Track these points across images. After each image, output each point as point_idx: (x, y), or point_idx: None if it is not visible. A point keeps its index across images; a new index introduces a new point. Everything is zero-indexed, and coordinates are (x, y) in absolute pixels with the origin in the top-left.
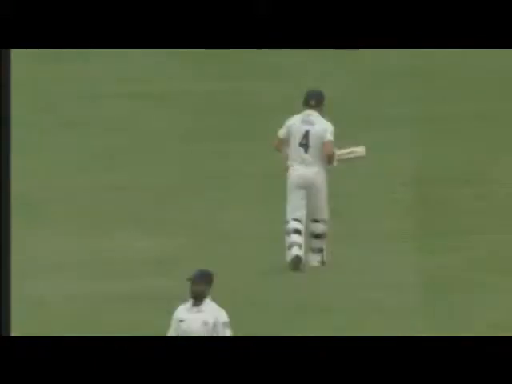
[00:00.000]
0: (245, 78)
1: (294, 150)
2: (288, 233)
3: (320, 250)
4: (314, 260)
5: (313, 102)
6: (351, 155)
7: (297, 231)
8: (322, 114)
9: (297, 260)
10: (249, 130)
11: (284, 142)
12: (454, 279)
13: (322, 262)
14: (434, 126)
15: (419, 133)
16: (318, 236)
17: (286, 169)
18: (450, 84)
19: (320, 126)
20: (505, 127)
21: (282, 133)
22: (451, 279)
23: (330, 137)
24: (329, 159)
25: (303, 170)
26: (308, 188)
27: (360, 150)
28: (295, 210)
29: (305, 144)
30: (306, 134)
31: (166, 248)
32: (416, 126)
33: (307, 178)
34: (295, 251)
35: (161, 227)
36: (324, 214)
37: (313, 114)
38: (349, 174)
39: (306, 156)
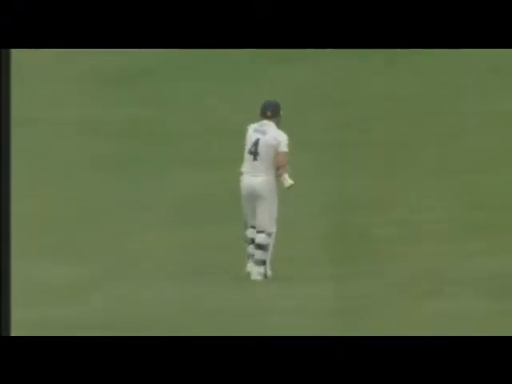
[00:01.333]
0: (158, 104)
1: (245, 157)
2: (245, 241)
3: (262, 262)
4: (256, 273)
5: (269, 113)
6: (284, 180)
7: (253, 241)
8: (279, 125)
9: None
10: (161, 155)
11: None
12: (367, 306)
13: (265, 276)
14: (346, 153)
15: (332, 160)
16: (260, 247)
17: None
18: (363, 111)
19: (271, 135)
20: (417, 154)
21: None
22: (364, 306)
23: (284, 148)
24: (280, 169)
25: (251, 178)
26: (255, 197)
27: (291, 182)
28: (250, 217)
29: (254, 152)
30: (256, 143)
31: (79, 275)
32: (328, 153)
33: (254, 186)
34: (249, 267)
35: (73, 254)
36: (269, 225)
37: (267, 124)
38: None
39: (255, 164)
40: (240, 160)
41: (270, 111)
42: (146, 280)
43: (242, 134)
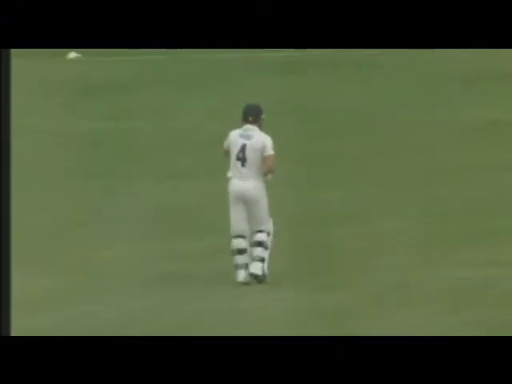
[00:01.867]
0: (124, 117)
1: (232, 163)
2: (232, 253)
3: (261, 259)
4: (256, 267)
5: (251, 118)
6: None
7: (240, 251)
8: (261, 128)
9: (251, 277)
10: (130, 168)
11: (227, 153)
12: (342, 316)
13: (263, 273)
14: (318, 165)
15: (304, 172)
16: (259, 244)
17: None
18: (335, 123)
19: (257, 139)
20: (388, 166)
21: (225, 143)
22: (339, 316)
23: (270, 151)
24: (269, 172)
25: (240, 183)
26: (247, 201)
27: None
28: (237, 224)
29: (242, 158)
30: (243, 148)
31: (49, 287)
32: (300, 165)
33: (245, 191)
34: (241, 276)
35: (45, 266)
36: (267, 224)
37: (251, 129)
38: (222, 214)
39: (243, 169)
40: (205, 171)
41: (252, 116)
42: (118, 290)
43: (209, 146)
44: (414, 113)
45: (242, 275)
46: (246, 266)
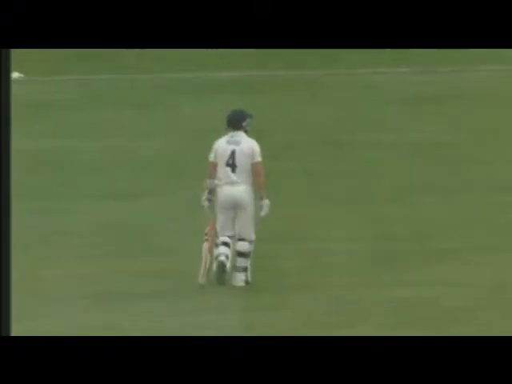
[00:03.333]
0: (60, 136)
1: (221, 170)
2: (217, 245)
3: (244, 269)
4: (239, 279)
5: (235, 125)
6: (264, 205)
7: (226, 244)
8: (247, 133)
9: (220, 265)
10: (68, 187)
11: (215, 165)
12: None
13: (246, 282)
14: None
15: None
16: (242, 254)
17: (208, 190)
18: (275, 141)
19: (246, 144)
20: (328, 184)
21: (211, 156)
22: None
23: (258, 158)
24: (258, 179)
25: (230, 189)
26: (236, 207)
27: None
28: (225, 228)
29: (231, 164)
30: (232, 154)
31: None
32: None
33: (234, 196)
34: (220, 257)
35: None
36: (250, 233)
37: (238, 134)
38: (159, 234)
39: (233, 175)
40: (142, 192)
41: (236, 122)
42: (55, 309)
43: (146, 166)
44: (361, 133)
45: (220, 257)
46: (227, 256)
